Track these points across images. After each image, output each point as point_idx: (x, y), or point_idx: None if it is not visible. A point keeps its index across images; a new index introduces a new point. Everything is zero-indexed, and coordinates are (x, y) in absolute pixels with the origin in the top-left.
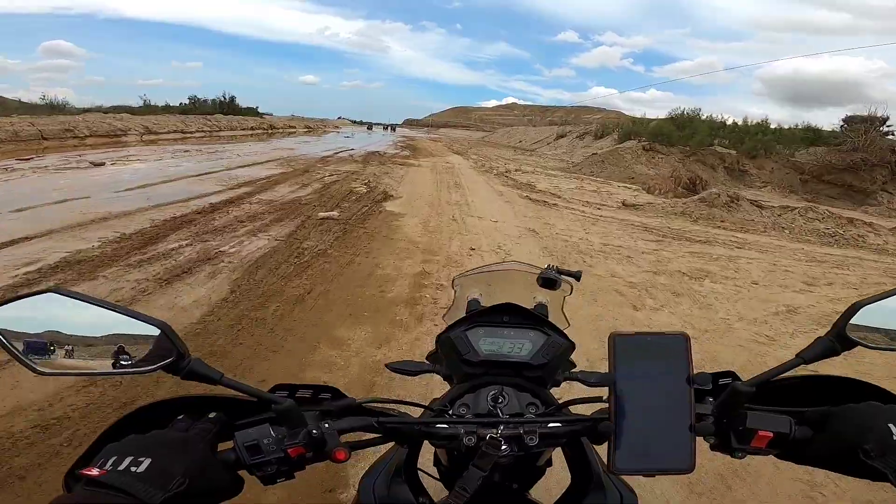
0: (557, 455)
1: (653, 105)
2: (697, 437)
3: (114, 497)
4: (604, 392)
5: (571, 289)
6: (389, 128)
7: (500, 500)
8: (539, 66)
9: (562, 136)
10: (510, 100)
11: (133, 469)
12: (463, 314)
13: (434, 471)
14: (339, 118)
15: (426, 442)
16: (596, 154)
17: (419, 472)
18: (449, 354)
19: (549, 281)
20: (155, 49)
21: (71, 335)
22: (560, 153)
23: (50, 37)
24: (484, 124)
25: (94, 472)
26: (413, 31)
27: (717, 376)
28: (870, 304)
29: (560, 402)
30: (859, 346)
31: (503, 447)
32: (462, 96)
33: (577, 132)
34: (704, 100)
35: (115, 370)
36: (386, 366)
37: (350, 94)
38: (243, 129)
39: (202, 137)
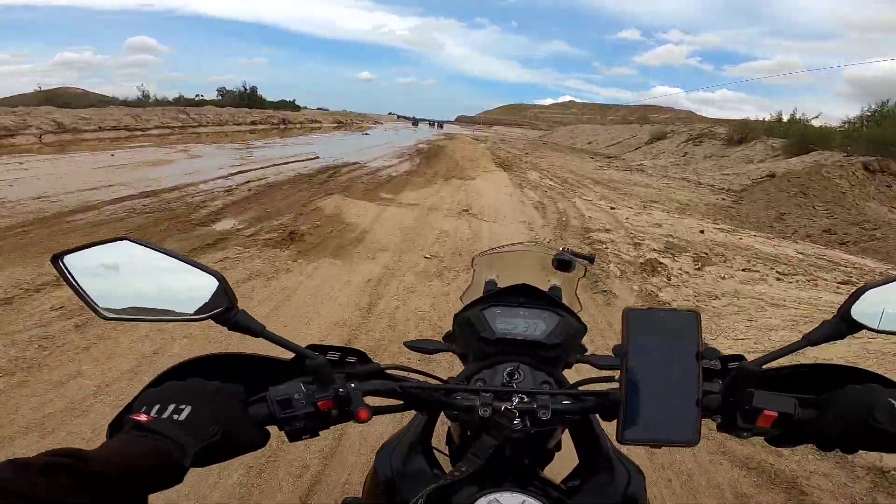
0: (566, 442)
1: (724, 105)
2: (706, 419)
3: (160, 442)
4: (613, 374)
5: (585, 271)
6: (436, 124)
7: (510, 473)
8: (597, 64)
9: (659, 139)
10: (566, 97)
11: (175, 417)
12: (480, 294)
13: (446, 450)
14: (389, 114)
15: (439, 423)
16: (772, 178)
17: (433, 450)
18: (466, 333)
19: (563, 263)
20: (225, 46)
21: (136, 281)
22: (668, 165)
23: (134, 33)
24: (539, 122)
25: (142, 417)
26: (467, 28)
27: (726, 359)
28: (875, 287)
29: (572, 383)
30: (865, 329)
31: (516, 420)
32: (516, 94)
33: (683, 134)
34: (783, 101)
35: (171, 317)
36: (404, 344)
37: (405, 91)
38: (236, 125)
39: (165, 135)
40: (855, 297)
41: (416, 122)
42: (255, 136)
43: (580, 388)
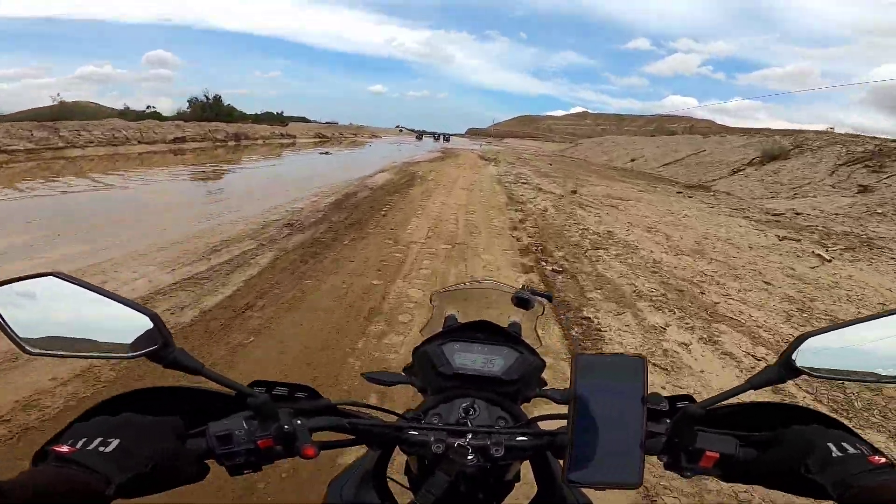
0: (528, 471)
1: (738, 114)
2: (654, 457)
3: (80, 473)
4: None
5: (544, 309)
6: (441, 137)
7: None
8: (608, 74)
9: (780, 158)
10: (578, 108)
11: (101, 448)
12: (440, 329)
13: (405, 480)
14: (396, 126)
15: (398, 451)
16: None
17: (389, 479)
18: (424, 367)
19: (523, 301)
20: (241, 59)
21: (65, 317)
22: (862, 213)
23: (153, 47)
24: (552, 134)
25: (64, 448)
26: (477, 40)
27: (675, 399)
28: (815, 336)
29: (530, 417)
30: (804, 375)
31: (470, 456)
32: (528, 106)
33: (826, 151)
34: (799, 109)
35: (102, 354)
36: (362, 375)
37: (416, 104)
38: (145, 144)
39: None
40: (796, 344)
41: (420, 135)
42: (151, 162)
43: (537, 422)
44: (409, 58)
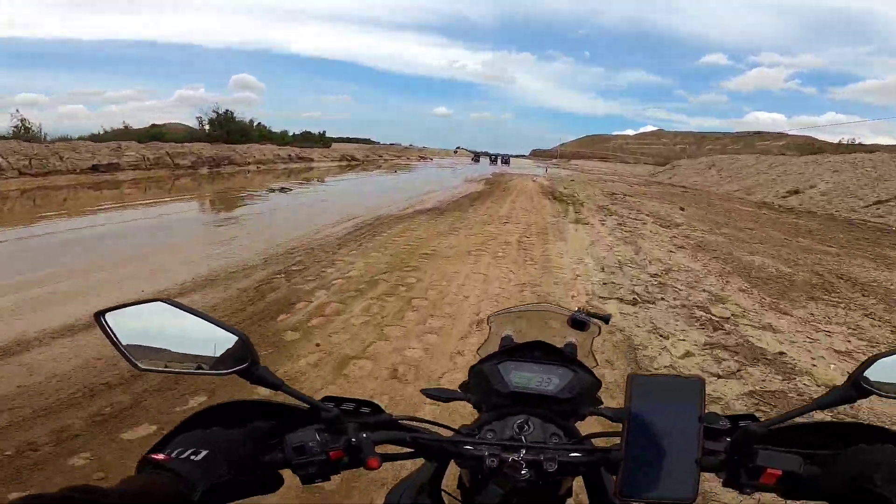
0: (580, 490)
1: (833, 131)
2: (711, 474)
3: (172, 479)
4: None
5: (600, 330)
6: (499, 159)
7: None
8: (681, 91)
9: None
10: (649, 127)
11: (192, 458)
12: (496, 349)
13: (457, 494)
14: (457, 148)
15: (451, 465)
16: None
17: (443, 492)
18: (480, 384)
19: (579, 322)
20: (313, 83)
21: (169, 338)
22: None
23: (239, 70)
24: (625, 154)
25: (161, 456)
26: (539, 60)
27: (736, 418)
28: (886, 357)
29: (584, 435)
30: (874, 395)
31: (523, 471)
32: (594, 126)
33: None
34: None
35: (199, 370)
36: (422, 391)
37: (479, 126)
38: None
39: None
40: (866, 364)
41: (477, 157)
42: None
43: (592, 439)
44: (472, 80)
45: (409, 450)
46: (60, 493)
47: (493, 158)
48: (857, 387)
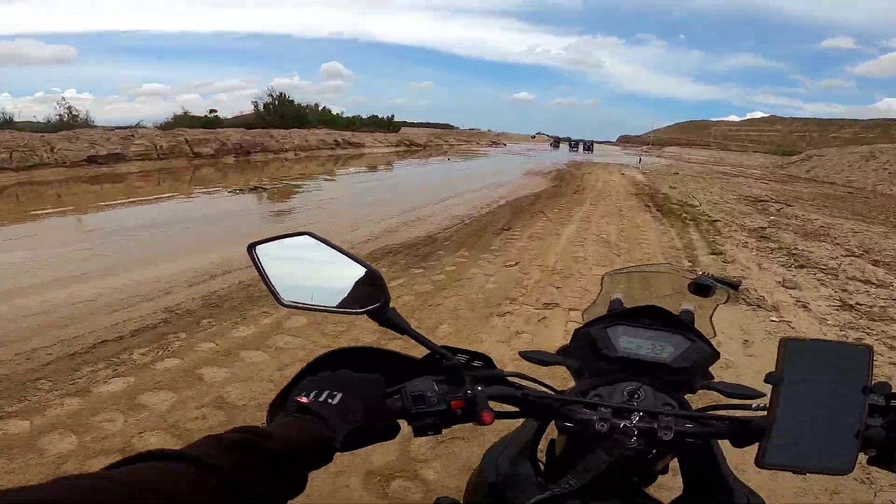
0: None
1: None
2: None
3: (318, 423)
4: (745, 403)
5: (728, 297)
6: (581, 145)
7: (618, 491)
8: (798, 76)
9: None
10: (757, 113)
11: (330, 401)
12: (604, 312)
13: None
14: (535, 133)
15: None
16: None
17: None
18: (585, 349)
19: (702, 288)
20: (398, 70)
21: (312, 273)
22: None
23: (329, 58)
24: (729, 142)
25: (304, 399)
26: (628, 44)
27: (891, 396)
28: None
29: (696, 408)
30: None
31: (634, 438)
32: (691, 112)
33: None
34: None
35: (335, 308)
36: (520, 353)
37: (562, 111)
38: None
39: None
40: None
41: (556, 142)
42: None
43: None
44: (555, 64)
45: (515, 408)
46: (235, 436)
47: (574, 144)
48: None
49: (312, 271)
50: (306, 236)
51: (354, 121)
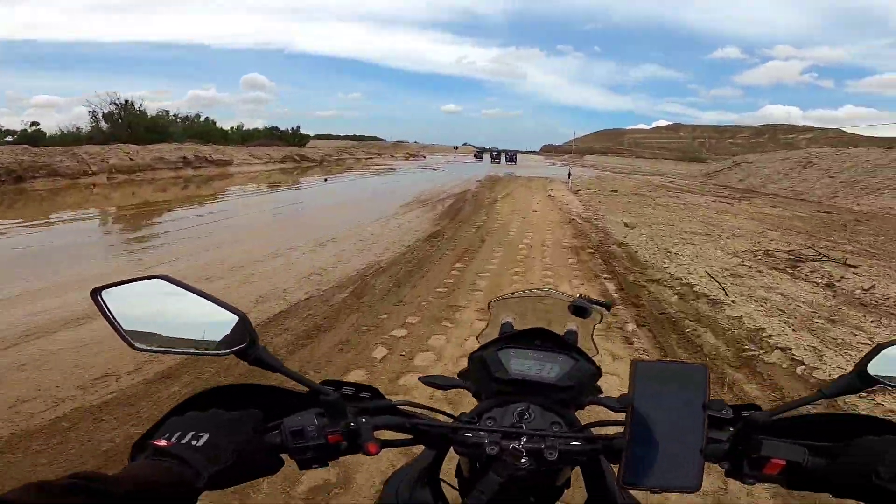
0: (577, 480)
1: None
2: (714, 464)
3: (176, 466)
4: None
5: (601, 317)
6: (504, 156)
7: None
8: (694, 86)
9: None
10: (662, 122)
11: (193, 442)
12: (496, 336)
13: (455, 482)
14: (464, 144)
15: (449, 454)
16: None
17: (441, 481)
18: (480, 372)
19: (580, 309)
20: (325, 82)
21: (166, 317)
22: None
23: (250, 70)
24: (641, 149)
25: (162, 442)
26: (549, 55)
27: (740, 408)
28: (891, 346)
29: (584, 424)
30: (881, 385)
31: (523, 459)
32: (606, 121)
33: None
34: None
35: (197, 350)
36: (419, 379)
37: (489, 122)
38: None
39: None
40: (872, 354)
41: (481, 154)
42: None
43: (591, 429)
44: (482, 76)
45: (408, 436)
46: (66, 480)
47: (495, 155)
48: (862, 377)
49: (170, 315)
50: (159, 280)
51: (254, 134)
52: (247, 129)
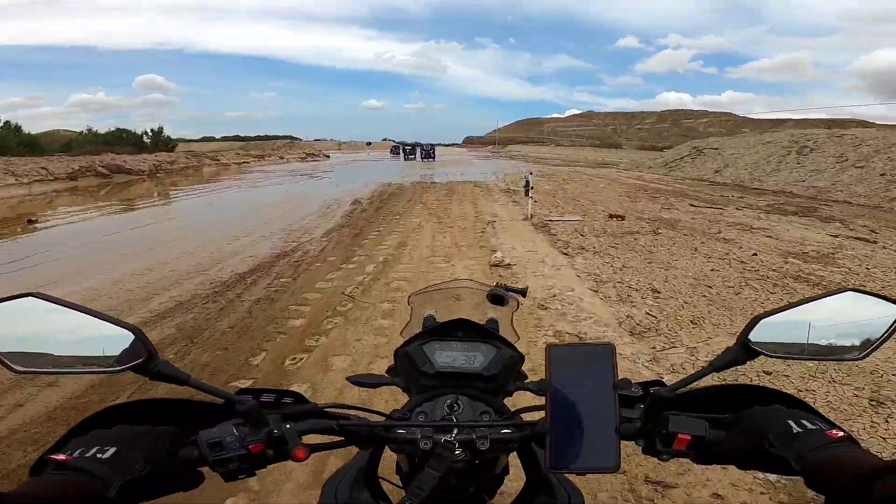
0: (517, 464)
1: (733, 108)
2: (631, 442)
3: (80, 478)
4: None
5: (518, 304)
6: (419, 151)
7: (458, 502)
8: (602, 75)
9: None
10: (574, 111)
11: (99, 455)
12: (419, 330)
13: (397, 479)
14: (383, 140)
15: (388, 451)
16: None
17: (381, 479)
18: (407, 367)
19: (497, 297)
20: (235, 81)
21: (49, 336)
22: None
23: (144, 71)
24: (559, 137)
25: (62, 456)
26: (468, 48)
27: (647, 385)
28: (768, 317)
29: (512, 410)
30: (761, 355)
31: (457, 451)
32: (525, 112)
33: None
34: (791, 99)
35: (88, 369)
36: (347, 379)
37: (413, 117)
38: None
39: None
40: (751, 325)
41: (397, 149)
42: None
43: (520, 415)
44: (403, 71)
45: (339, 438)
46: None
47: (409, 151)
48: (744, 348)
49: (50, 335)
50: (31, 297)
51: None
52: (82, 132)
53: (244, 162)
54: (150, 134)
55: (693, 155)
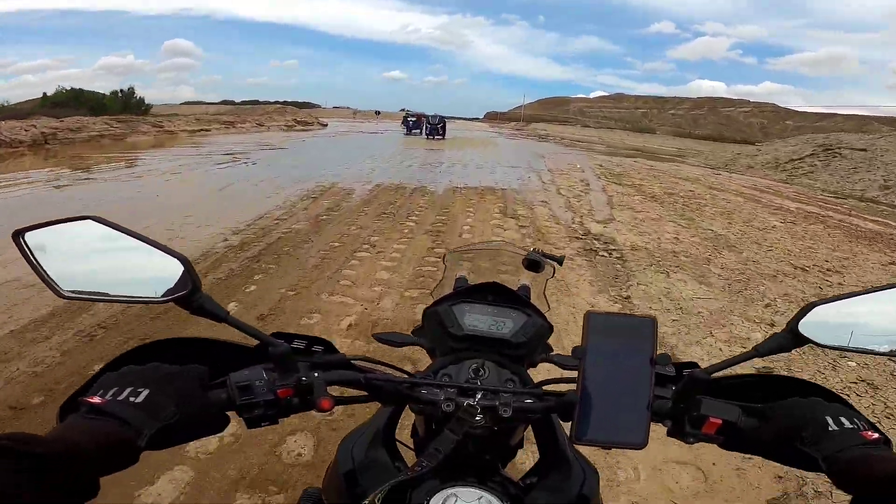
0: (529, 444)
1: (769, 99)
2: (657, 424)
3: (114, 425)
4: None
5: (553, 272)
6: (425, 124)
7: (472, 468)
8: (631, 59)
9: None
10: (600, 93)
11: (132, 399)
12: (450, 290)
13: (410, 443)
14: (401, 110)
15: (404, 414)
16: None
17: (396, 441)
18: (434, 328)
19: (533, 263)
20: (259, 48)
21: (100, 261)
22: None
23: (172, 36)
24: (586, 118)
25: (96, 399)
26: (494, 24)
27: (682, 366)
28: (823, 304)
29: (536, 381)
30: (810, 343)
31: (478, 416)
32: (548, 91)
33: None
34: (833, 94)
35: (133, 297)
36: (373, 335)
37: (433, 90)
38: None
39: None
40: (803, 312)
41: (406, 120)
42: None
43: (543, 387)
44: (427, 44)
45: (362, 392)
46: None
47: (413, 124)
48: (793, 334)
49: (102, 259)
50: (89, 220)
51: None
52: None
53: (201, 130)
54: (119, 95)
55: (822, 156)
